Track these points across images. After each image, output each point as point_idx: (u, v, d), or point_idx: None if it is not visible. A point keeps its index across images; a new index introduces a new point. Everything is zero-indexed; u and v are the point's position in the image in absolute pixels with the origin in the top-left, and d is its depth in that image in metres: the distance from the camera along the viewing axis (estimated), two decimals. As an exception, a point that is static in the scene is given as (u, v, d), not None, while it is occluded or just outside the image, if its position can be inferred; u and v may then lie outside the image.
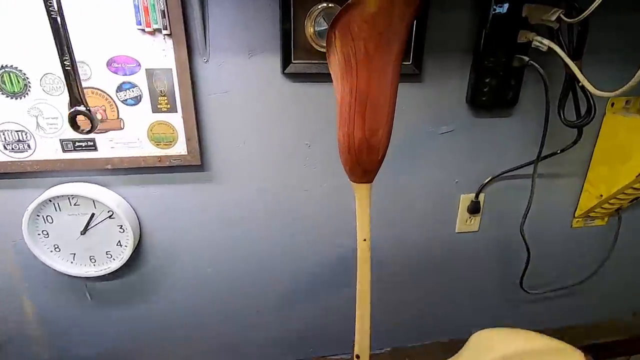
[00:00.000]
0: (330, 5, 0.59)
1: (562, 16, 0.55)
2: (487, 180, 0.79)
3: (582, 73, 0.57)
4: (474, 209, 0.81)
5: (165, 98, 0.61)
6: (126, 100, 0.61)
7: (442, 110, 0.72)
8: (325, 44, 0.60)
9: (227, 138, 0.67)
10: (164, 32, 0.57)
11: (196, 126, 0.64)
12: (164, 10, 0.55)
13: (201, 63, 0.62)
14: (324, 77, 0.66)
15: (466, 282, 0.91)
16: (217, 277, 0.79)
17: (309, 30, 0.60)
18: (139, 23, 0.55)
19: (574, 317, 1.03)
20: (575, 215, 0.88)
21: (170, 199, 0.70)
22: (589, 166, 0.82)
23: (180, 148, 0.65)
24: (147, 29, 0.56)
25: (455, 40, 0.67)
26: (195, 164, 0.66)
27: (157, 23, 0.56)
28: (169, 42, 0.58)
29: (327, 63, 0.63)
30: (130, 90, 0.60)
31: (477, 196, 0.80)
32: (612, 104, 0.76)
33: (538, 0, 0.61)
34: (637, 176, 0.72)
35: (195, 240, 0.74)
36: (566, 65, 0.60)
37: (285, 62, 0.62)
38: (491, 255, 0.89)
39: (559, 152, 0.71)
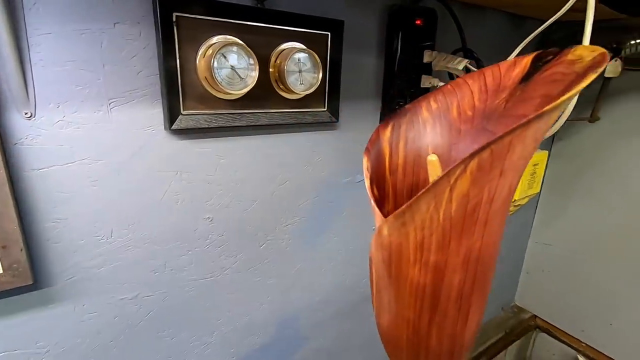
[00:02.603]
0: (230, 38, 0.44)
1: (469, 66, 0.56)
2: (401, 223, 0.76)
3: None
4: (392, 253, 0.77)
5: (-56, 185, 0.34)
6: None
7: (358, 157, 0.66)
8: (229, 90, 0.45)
9: (81, 231, 0.43)
10: None
11: (19, 223, 0.38)
12: None
13: (21, 120, 0.37)
14: (227, 131, 0.50)
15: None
16: None
17: (203, 70, 0.44)
18: None
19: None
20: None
21: (-29, 351, 0.40)
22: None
23: (-15, 265, 0.37)
24: None
25: (366, 84, 0.62)
26: (22, 284, 0.39)
27: None
28: (-55, 87, 0.32)
29: (228, 113, 0.49)
30: None
31: (393, 240, 0.77)
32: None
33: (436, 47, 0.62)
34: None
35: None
36: (469, 110, 0.61)
37: (172, 114, 0.44)
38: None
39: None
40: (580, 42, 0.82)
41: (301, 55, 0.49)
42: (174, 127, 0.44)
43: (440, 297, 0.20)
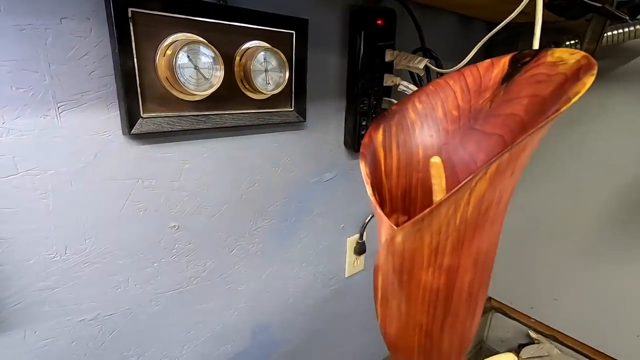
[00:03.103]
0: (192, 36, 0.42)
1: (429, 65, 0.58)
2: (368, 220, 0.77)
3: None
4: (361, 249, 0.79)
5: None
6: None
7: (325, 157, 0.66)
8: (193, 91, 0.43)
9: (29, 250, 0.38)
10: None
11: (-49, 246, 0.33)
12: None
13: (-52, 128, 0.32)
14: (192, 134, 0.47)
15: (355, 319, 0.89)
16: None
17: (164, 70, 0.41)
18: None
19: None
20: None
21: None
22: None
23: None
24: None
25: (330, 84, 0.62)
26: (-41, 316, 0.34)
27: None
28: None
29: (192, 115, 0.45)
30: None
31: (361, 236, 0.78)
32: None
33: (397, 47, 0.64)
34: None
35: None
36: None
37: (131, 117, 0.40)
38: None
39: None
40: (523, 41, 0.89)
41: (267, 54, 0.48)
42: (133, 131, 0.41)
43: (453, 299, 0.21)
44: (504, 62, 0.26)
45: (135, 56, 0.39)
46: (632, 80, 0.84)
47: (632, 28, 0.68)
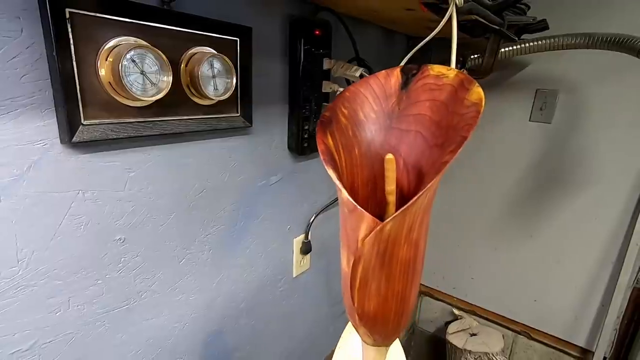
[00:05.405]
0: (137, 40, 0.41)
1: (364, 73, 0.63)
2: (312, 219, 0.81)
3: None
4: (307, 249, 0.82)
5: None
6: None
7: (271, 160, 0.67)
8: (140, 96, 0.41)
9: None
10: None
11: None
12: None
13: None
14: (137, 142, 0.45)
15: (304, 317, 0.91)
16: None
17: (107, 75, 0.39)
18: None
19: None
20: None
21: None
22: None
23: None
24: None
25: (273, 89, 0.64)
26: None
27: None
28: None
29: (138, 122, 0.44)
30: None
31: (307, 236, 0.81)
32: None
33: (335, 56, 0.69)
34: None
35: None
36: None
37: (72, 125, 0.38)
38: (321, 285, 0.93)
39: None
40: (434, 52, 1.00)
41: (214, 60, 0.48)
42: (74, 139, 0.38)
43: (416, 262, 0.25)
44: (396, 72, 0.31)
45: (74, 59, 0.37)
46: (521, 88, 1.02)
47: (519, 46, 0.82)
